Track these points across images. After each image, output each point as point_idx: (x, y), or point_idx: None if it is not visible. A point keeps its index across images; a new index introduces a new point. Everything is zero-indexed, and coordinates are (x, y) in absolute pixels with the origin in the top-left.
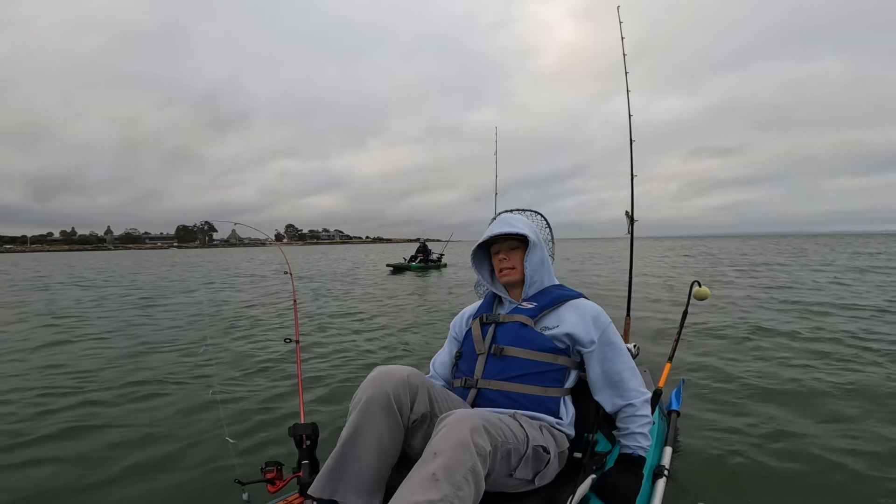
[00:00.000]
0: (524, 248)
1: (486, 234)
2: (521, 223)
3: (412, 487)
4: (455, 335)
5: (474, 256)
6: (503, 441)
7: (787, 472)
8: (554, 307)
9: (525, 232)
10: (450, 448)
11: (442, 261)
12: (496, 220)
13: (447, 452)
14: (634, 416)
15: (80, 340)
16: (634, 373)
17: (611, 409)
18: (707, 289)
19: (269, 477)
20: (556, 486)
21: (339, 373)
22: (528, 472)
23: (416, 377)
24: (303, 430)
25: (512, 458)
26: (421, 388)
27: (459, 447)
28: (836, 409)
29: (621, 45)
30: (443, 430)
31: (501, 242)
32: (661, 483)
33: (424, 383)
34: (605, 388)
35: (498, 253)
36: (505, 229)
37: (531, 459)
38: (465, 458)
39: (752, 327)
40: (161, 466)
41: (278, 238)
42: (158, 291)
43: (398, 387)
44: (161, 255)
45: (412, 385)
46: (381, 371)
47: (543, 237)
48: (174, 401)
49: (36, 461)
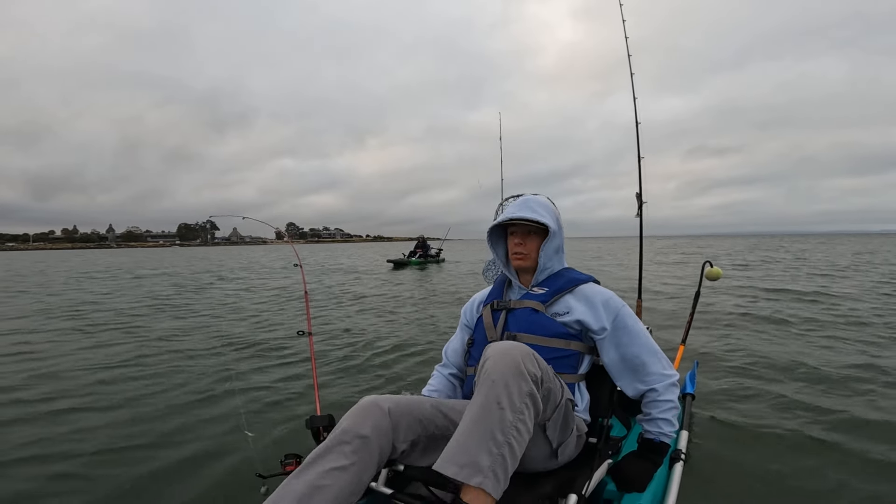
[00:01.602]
0: (541, 234)
1: (507, 214)
2: (543, 209)
3: (479, 413)
4: (466, 322)
5: (491, 234)
6: (547, 377)
7: (806, 455)
8: (564, 292)
9: (547, 222)
10: (506, 374)
11: (440, 256)
12: (517, 202)
13: (504, 379)
14: (657, 401)
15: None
16: (656, 354)
17: (633, 394)
18: (719, 269)
19: (289, 469)
20: (572, 469)
21: (353, 364)
22: (556, 432)
23: (400, 409)
24: (319, 421)
25: (549, 402)
26: (404, 417)
27: (515, 373)
28: (859, 388)
29: (625, 44)
30: (492, 358)
31: (519, 226)
32: (678, 467)
33: (412, 411)
34: (625, 373)
35: (514, 235)
36: (527, 214)
37: (562, 416)
38: (521, 384)
39: (770, 310)
40: (179, 458)
41: (279, 236)
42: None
43: (379, 420)
44: (177, 253)
45: (394, 419)
46: (364, 401)
47: None
48: (192, 391)
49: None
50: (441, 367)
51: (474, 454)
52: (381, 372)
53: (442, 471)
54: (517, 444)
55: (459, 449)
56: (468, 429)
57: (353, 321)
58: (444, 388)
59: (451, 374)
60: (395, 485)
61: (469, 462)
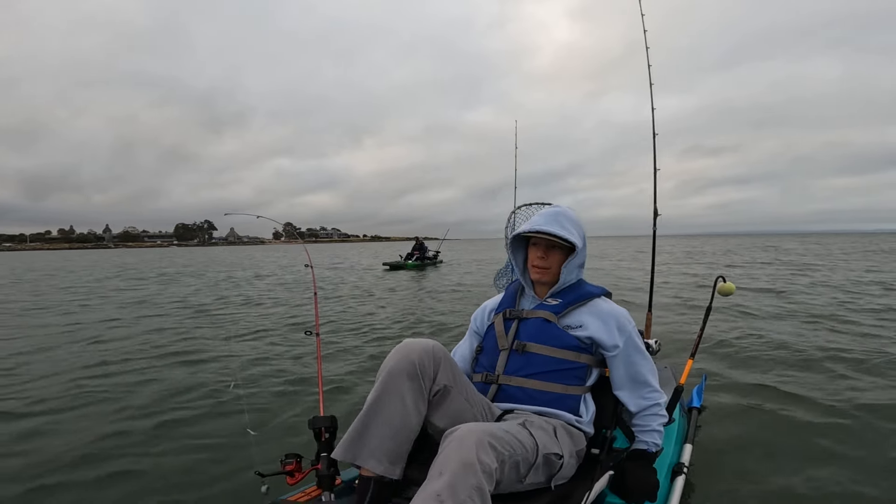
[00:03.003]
0: (564, 249)
1: (534, 225)
2: (573, 225)
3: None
4: (476, 329)
5: (512, 242)
6: (510, 454)
7: (813, 470)
8: (578, 305)
9: (575, 240)
10: (454, 468)
11: (438, 258)
12: (547, 213)
13: (452, 472)
14: (658, 414)
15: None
16: (655, 374)
17: (634, 408)
18: (732, 284)
19: (289, 469)
20: (572, 481)
21: (359, 367)
22: (539, 477)
23: (441, 350)
24: (322, 422)
25: (521, 467)
26: (444, 360)
27: (463, 467)
28: (863, 401)
29: (643, 37)
30: (447, 448)
31: (542, 239)
32: (679, 480)
33: (448, 357)
34: (630, 388)
35: (537, 246)
36: (555, 230)
37: (542, 466)
38: (469, 478)
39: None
40: (182, 456)
41: (288, 235)
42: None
43: (423, 356)
44: (182, 253)
45: (436, 356)
46: (407, 342)
47: None
48: (197, 385)
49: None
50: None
51: None
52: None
53: None
54: None
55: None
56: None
57: (363, 321)
58: None
59: None
60: (391, 490)
61: None
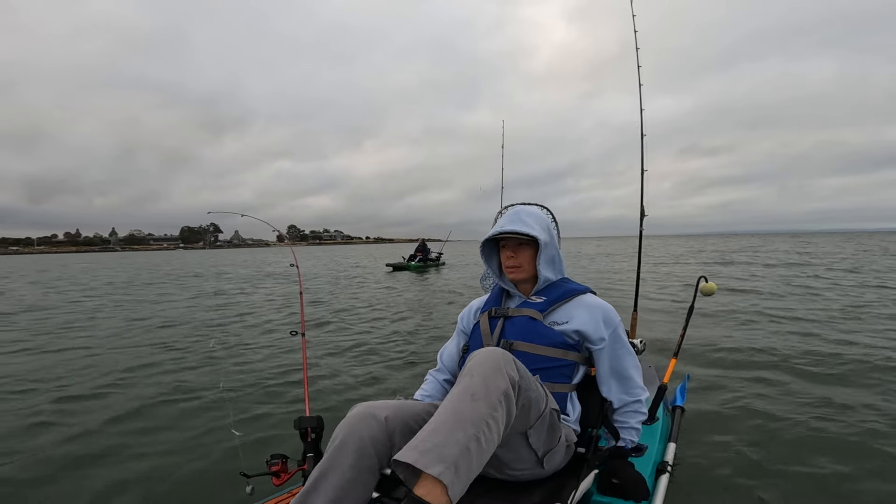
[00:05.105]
0: (533, 246)
1: (496, 228)
2: (534, 221)
3: (451, 403)
4: (463, 328)
5: (483, 248)
6: (527, 385)
7: (792, 468)
8: (563, 302)
9: (536, 234)
10: (486, 371)
11: (441, 259)
12: (507, 214)
13: (483, 375)
14: (638, 411)
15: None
16: (639, 370)
17: (617, 404)
18: (714, 284)
19: (275, 470)
20: (559, 479)
21: (345, 366)
22: (540, 441)
23: (396, 416)
24: (308, 423)
25: (532, 411)
26: (399, 424)
27: (493, 370)
28: (848, 400)
29: (634, 38)
30: (476, 357)
31: (509, 239)
32: (663, 479)
33: (406, 417)
34: (614, 382)
35: (505, 248)
36: (516, 227)
37: (546, 425)
38: (499, 381)
39: (765, 321)
40: (165, 457)
41: (280, 239)
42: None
43: (375, 430)
44: (188, 256)
45: (390, 426)
46: (359, 411)
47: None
48: (183, 391)
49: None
50: (435, 371)
51: (439, 441)
52: (377, 373)
53: (403, 459)
54: (485, 441)
55: (425, 436)
56: (438, 418)
57: (349, 322)
58: (436, 393)
59: (445, 380)
60: (381, 488)
61: (432, 448)
